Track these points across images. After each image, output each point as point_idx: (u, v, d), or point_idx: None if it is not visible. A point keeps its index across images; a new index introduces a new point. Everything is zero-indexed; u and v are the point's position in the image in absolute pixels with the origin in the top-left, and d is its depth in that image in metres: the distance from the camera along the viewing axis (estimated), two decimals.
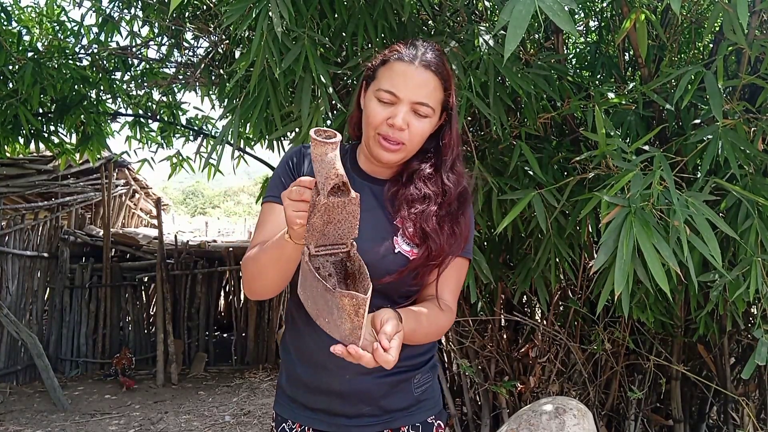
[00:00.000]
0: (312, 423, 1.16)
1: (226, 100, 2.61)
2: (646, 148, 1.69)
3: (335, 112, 2.02)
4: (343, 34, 2.04)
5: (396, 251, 1.09)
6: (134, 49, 3.35)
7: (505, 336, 2.72)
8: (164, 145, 4.08)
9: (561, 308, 2.54)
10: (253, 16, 1.58)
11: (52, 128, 3.62)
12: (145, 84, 3.56)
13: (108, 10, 3.10)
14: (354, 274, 0.90)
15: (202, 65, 2.85)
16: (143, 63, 3.51)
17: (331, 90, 1.81)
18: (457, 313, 2.66)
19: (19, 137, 3.47)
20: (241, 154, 3.37)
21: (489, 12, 2.34)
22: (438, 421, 1.21)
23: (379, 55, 1.14)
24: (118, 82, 3.54)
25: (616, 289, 1.30)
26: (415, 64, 1.05)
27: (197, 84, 3.24)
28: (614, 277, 1.31)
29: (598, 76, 2.34)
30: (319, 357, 1.13)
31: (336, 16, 2.01)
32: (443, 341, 2.97)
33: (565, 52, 2.41)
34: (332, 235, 0.86)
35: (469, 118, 2.22)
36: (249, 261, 1.08)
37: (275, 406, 1.23)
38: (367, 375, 1.11)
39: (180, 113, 3.97)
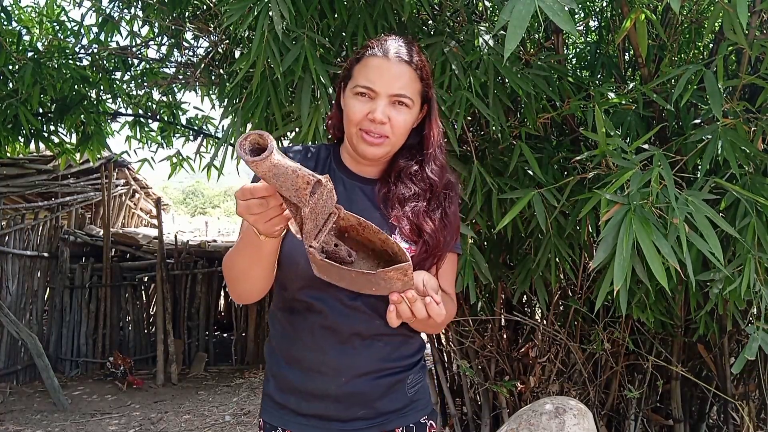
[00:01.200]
0: (304, 429, 1.13)
1: (226, 100, 2.61)
2: (646, 147, 1.69)
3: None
4: (343, 34, 2.04)
5: None
6: (134, 49, 3.35)
7: (505, 336, 2.72)
8: (164, 145, 4.08)
9: (561, 308, 2.54)
10: (254, 15, 1.58)
11: (52, 128, 3.62)
12: (145, 84, 3.56)
13: (108, 10, 3.10)
14: (354, 227, 0.91)
15: (202, 65, 2.85)
16: (143, 63, 3.51)
17: (331, 90, 1.81)
18: (457, 312, 2.66)
19: (19, 137, 3.47)
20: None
21: (489, 12, 2.34)
22: (430, 421, 1.21)
23: (353, 54, 1.16)
24: (118, 82, 3.54)
25: (615, 284, 1.30)
26: (388, 58, 1.07)
27: (197, 84, 3.24)
28: (613, 274, 1.31)
29: (598, 76, 2.34)
30: (313, 362, 1.11)
31: (336, 15, 2.01)
32: (443, 341, 2.97)
33: (565, 52, 2.41)
34: (321, 218, 0.85)
35: (469, 118, 2.22)
36: (228, 266, 1.08)
37: (262, 414, 1.20)
38: (363, 377, 1.11)
39: (180, 113, 3.98)
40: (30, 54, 3.14)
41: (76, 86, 3.30)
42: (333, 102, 1.94)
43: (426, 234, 1.08)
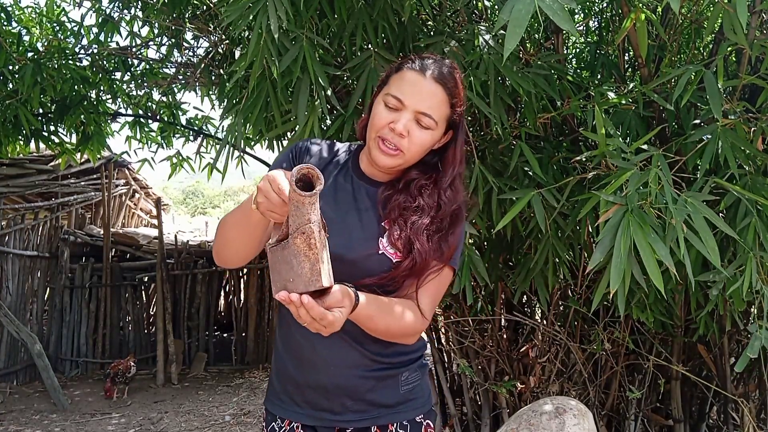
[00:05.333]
0: (300, 418, 1.17)
1: (226, 100, 2.61)
2: (645, 147, 1.69)
3: (335, 112, 2.02)
4: (343, 35, 2.04)
5: (380, 252, 1.11)
6: (134, 49, 3.35)
7: (505, 336, 2.72)
8: (164, 145, 4.08)
9: (561, 308, 2.54)
10: (251, 16, 1.58)
11: (52, 128, 3.62)
12: (145, 84, 3.56)
13: (108, 10, 3.10)
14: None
15: (202, 65, 2.85)
16: (143, 63, 3.51)
17: (329, 92, 1.81)
18: (456, 312, 2.63)
19: (19, 137, 3.47)
20: (242, 154, 3.37)
21: (489, 11, 2.34)
22: (427, 420, 1.21)
23: (395, 62, 1.17)
24: (118, 82, 3.54)
25: (612, 287, 1.30)
26: (425, 75, 1.08)
27: (197, 84, 3.24)
28: (610, 276, 1.31)
29: (598, 76, 2.34)
30: (305, 351, 1.15)
31: (335, 16, 2.01)
32: (443, 341, 2.97)
33: (565, 52, 2.41)
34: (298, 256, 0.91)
35: (469, 118, 2.22)
36: (220, 227, 1.12)
37: (265, 403, 1.25)
38: (353, 370, 1.13)
39: (180, 113, 3.98)
40: (30, 54, 3.14)
41: (76, 86, 3.30)
42: (330, 105, 1.94)
43: (416, 251, 1.08)
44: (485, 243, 2.35)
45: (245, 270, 6.07)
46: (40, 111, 3.51)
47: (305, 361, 1.15)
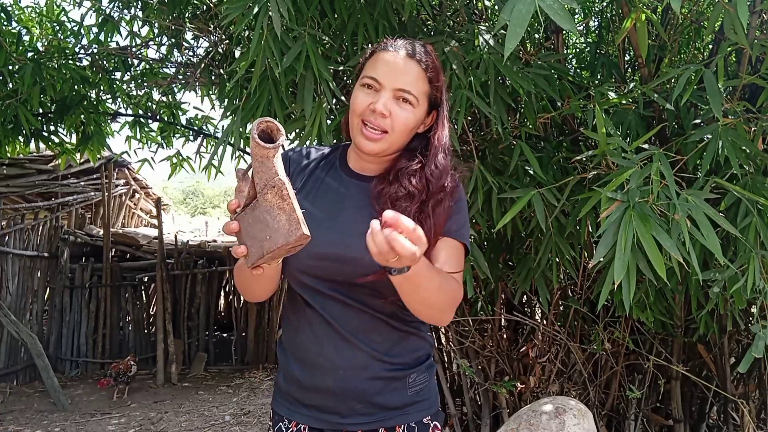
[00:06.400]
0: (307, 421, 1.16)
1: (226, 100, 2.60)
2: (646, 147, 1.69)
3: (339, 106, 2.02)
4: (344, 35, 2.04)
5: None
6: (134, 49, 3.35)
7: (505, 336, 2.72)
8: (164, 145, 4.07)
9: (561, 308, 2.54)
10: (253, 14, 1.58)
11: (52, 128, 3.62)
12: (145, 84, 3.56)
13: (108, 10, 3.10)
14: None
15: (202, 65, 2.85)
16: (143, 63, 3.51)
17: (333, 85, 1.80)
18: (456, 312, 2.63)
19: (19, 137, 3.47)
20: (241, 154, 3.37)
21: (489, 11, 2.34)
22: (435, 422, 1.19)
23: (368, 50, 1.16)
24: (118, 82, 3.54)
25: (616, 278, 1.30)
26: (399, 53, 1.08)
27: (197, 84, 3.24)
28: (614, 269, 1.31)
29: (599, 76, 2.34)
30: (312, 354, 1.13)
31: (336, 15, 2.01)
32: (443, 341, 2.97)
33: (565, 52, 2.41)
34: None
35: (469, 118, 2.22)
36: (236, 273, 1.14)
37: (273, 404, 1.24)
38: (360, 372, 1.12)
39: (180, 113, 3.98)
40: (30, 54, 3.14)
41: (76, 86, 3.30)
42: (335, 98, 1.94)
43: None
44: (485, 243, 2.35)
45: None
46: (40, 111, 3.50)
47: (311, 364, 1.13)
